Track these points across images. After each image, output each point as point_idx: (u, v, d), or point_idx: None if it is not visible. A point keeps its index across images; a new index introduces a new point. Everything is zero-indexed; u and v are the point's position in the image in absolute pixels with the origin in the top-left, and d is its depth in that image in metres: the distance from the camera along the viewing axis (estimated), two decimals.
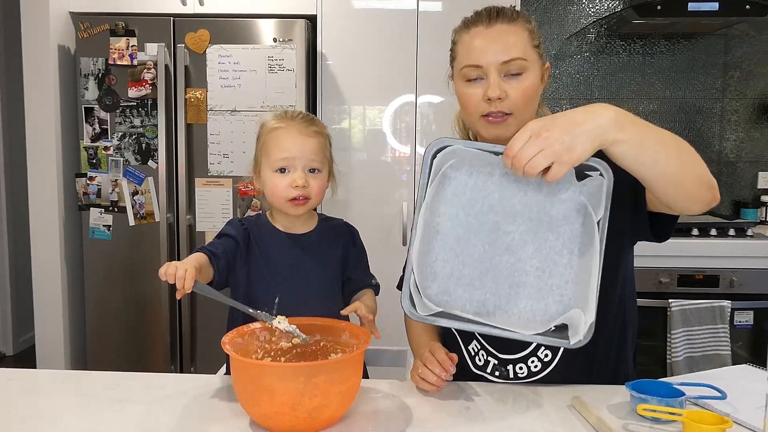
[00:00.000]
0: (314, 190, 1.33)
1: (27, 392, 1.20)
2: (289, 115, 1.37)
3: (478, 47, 1.17)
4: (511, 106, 1.16)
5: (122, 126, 2.79)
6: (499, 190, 1.06)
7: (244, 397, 1.03)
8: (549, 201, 1.05)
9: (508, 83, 1.16)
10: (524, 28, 1.18)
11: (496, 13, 1.19)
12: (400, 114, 2.82)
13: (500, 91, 1.15)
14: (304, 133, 1.33)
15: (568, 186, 1.05)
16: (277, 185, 1.32)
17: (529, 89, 1.17)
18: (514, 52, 1.15)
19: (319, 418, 1.00)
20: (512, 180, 1.06)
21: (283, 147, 1.32)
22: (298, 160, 1.32)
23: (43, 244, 2.86)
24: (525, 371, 1.24)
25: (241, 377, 1.02)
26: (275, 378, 0.98)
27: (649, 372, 2.61)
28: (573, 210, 1.05)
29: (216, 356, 1.56)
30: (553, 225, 1.05)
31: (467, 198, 1.07)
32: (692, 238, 2.67)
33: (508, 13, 1.20)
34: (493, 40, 1.17)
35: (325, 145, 1.37)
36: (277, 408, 0.98)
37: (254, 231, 1.37)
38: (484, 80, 1.17)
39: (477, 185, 1.07)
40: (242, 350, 1.12)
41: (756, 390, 1.14)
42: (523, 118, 1.16)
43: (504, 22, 1.18)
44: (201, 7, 2.81)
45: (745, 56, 3.17)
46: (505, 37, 1.17)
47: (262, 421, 1.02)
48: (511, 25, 1.18)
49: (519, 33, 1.17)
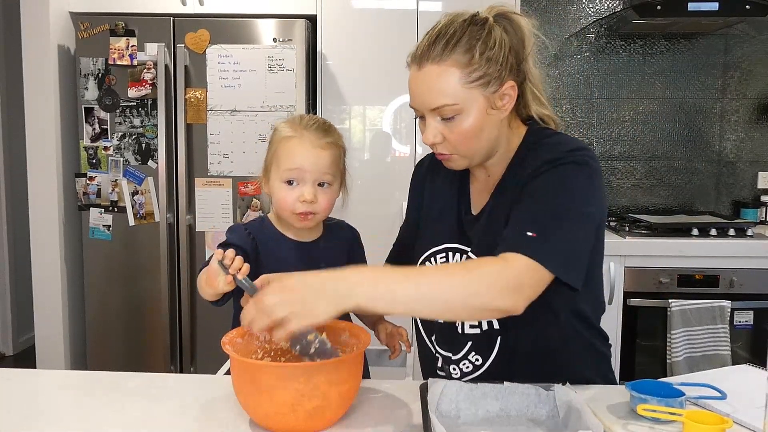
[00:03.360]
0: (322, 205, 1.29)
1: (27, 392, 1.20)
2: (304, 123, 1.31)
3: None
4: (450, 148, 1.17)
5: (122, 126, 2.79)
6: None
7: (244, 397, 1.03)
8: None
9: (445, 126, 1.14)
10: (456, 64, 1.10)
11: (427, 50, 1.13)
12: (400, 114, 2.82)
13: (432, 137, 1.15)
14: (317, 145, 1.28)
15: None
16: (285, 198, 1.28)
17: (466, 131, 1.13)
18: (441, 99, 1.12)
19: (318, 419, 1.00)
20: None
21: (293, 159, 1.27)
22: (309, 173, 1.27)
23: (43, 244, 2.86)
24: (458, 373, 1.25)
25: (240, 377, 1.01)
26: (275, 378, 0.97)
27: (649, 372, 2.61)
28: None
29: (216, 356, 1.56)
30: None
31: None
32: (692, 238, 2.67)
33: (437, 49, 1.11)
34: (422, 83, 1.13)
35: (339, 157, 1.32)
36: (277, 408, 0.98)
37: (260, 239, 1.32)
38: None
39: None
40: (242, 350, 1.12)
41: (756, 390, 1.14)
42: (469, 154, 1.17)
43: (434, 63, 1.11)
44: (201, 7, 2.81)
45: (745, 56, 3.17)
46: (432, 82, 1.12)
47: (263, 421, 1.01)
48: (440, 65, 1.11)
49: (447, 74, 1.11)
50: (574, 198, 1.11)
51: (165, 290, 2.78)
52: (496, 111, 1.14)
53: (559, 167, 1.11)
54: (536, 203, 1.10)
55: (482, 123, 1.14)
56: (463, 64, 1.10)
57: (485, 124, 1.14)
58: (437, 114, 1.13)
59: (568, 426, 1.02)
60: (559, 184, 1.11)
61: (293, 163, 1.27)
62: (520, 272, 1.03)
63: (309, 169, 1.27)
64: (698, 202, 3.25)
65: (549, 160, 1.12)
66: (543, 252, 1.04)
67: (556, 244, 1.06)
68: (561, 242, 1.07)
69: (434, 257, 1.28)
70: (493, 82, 1.12)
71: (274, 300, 0.94)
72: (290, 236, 1.35)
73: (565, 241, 1.08)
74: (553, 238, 1.06)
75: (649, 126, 3.21)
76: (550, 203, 1.09)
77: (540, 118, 1.24)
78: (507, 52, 1.13)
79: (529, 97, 1.22)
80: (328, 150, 1.29)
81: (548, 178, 1.11)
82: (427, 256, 1.29)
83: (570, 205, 1.10)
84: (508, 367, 1.20)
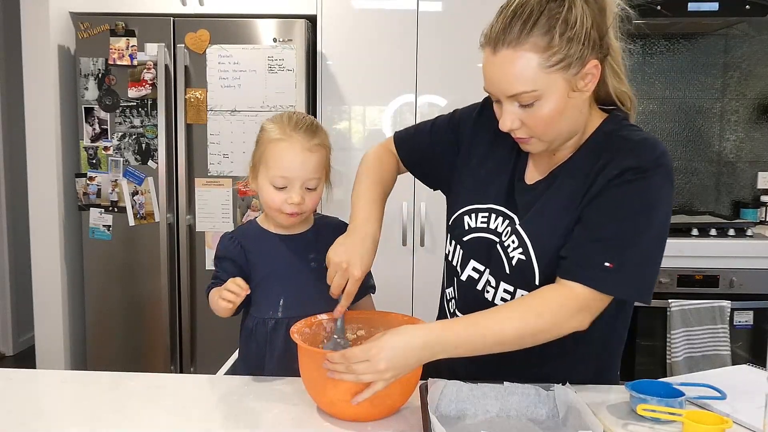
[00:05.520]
0: (309, 206, 1.32)
1: (27, 392, 1.20)
2: (292, 124, 1.31)
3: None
4: (529, 132, 1.10)
5: (122, 126, 2.79)
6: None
7: (311, 384, 1.09)
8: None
9: (524, 112, 1.08)
10: (534, 48, 1.02)
11: (502, 34, 1.04)
12: (400, 114, 2.82)
13: (510, 123, 1.09)
14: (306, 148, 1.29)
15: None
16: (273, 199, 1.31)
17: (546, 116, 1.07)
18: (518, 86, 1.04)
19: (380, 407, 1.05)
20: None
21: (282, 164, 1.29)
22: (297, 179, 1.29)
23: (43, 244, 2.86)
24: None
25: (308, 366, 1.07)
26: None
27: (649, 372, 2.61)
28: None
29: (216, 356, 1.56)
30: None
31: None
32: (692, 238, 2.67)
33: (514, 32, 1.03)
34: (498, 69, 1.06)
35: (326, 157, 1.34)
36: (341, 396, 1.02)
37: (246, 242, 1.36)
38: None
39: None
40: (310, 340, 1.17)
41: (756, 390, 1.14)
42: (549, 138, 1.11)
43: (510, 47, 1.03)
44: (201, 7, 2.81)
45: (745, 56, 3.17)
46: (508, 68, 1.04)
47: (328, 408, 1.07)
48: (516, 50, 1.03)
49: (525, 59, 1.03)
50: (658, 213, 1.07)
51: (165, 290, 2.78)
52: (578, 93, 1.07)
53: (648, 178, 1.06)
54: (618, 220, 1.06)
55: (563, 107, 1.07)
56: (542, 48, 1.02)
57: (566, 108, 1.07)
58: (515, 100, 1.07)
59: (568, 426, 1.02)
60: (644, 199, 1.06)
61: (282, 169, 1.29)
62: (589, 300, 1.06)
63: (297, 175, 1.29)
64: (698, 202, 3.25)
65: (635, 168, 1.06)
66: (619, 284, 1.06)
67: (632, 272, 1.06)
68: (638, 268, 1.07)
69: (475, 214, 1.23)
70: (575, 63, 1.04)
71: (387, 366, 1.00)
72: (276, 231, 1.38)
73: (643, 266, 1.07)
74: (631, 266, 1.05)
75: (649, 126, 3.21)
76: (632, 221, 1.06)
77: (616, 96, 1.18)
78: (589, 28, 1.04)
79: (608, 73, 1.14)
80: (316, 153, 1.31)
81: (633, 190, 1.06)
82: (467, 211, 1.24)
83: (653, 222, 1.07)
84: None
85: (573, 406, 1.03)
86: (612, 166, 1.08)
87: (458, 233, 1.25)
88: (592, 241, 1.07)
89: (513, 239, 1.15)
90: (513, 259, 1.14)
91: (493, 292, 1.18)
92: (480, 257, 1.21)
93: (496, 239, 1.18)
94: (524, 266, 1.13)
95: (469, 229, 1.23)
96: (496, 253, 1.17)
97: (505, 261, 1.16)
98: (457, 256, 1.25)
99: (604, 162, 1.10)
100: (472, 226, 1.22)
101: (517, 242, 1.14)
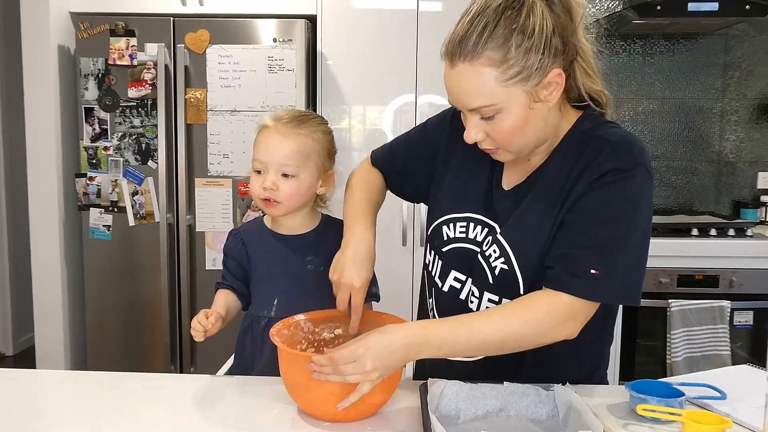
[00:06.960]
0: (284, 193, 1.30)
1: (27, 392, 1.20)
2: (281, 114, 1.34)
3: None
4: (494, 144, 1.09)
5: (122, 126, 2.79)
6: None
7: (291, 386, 1.09)
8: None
9: (487, 124, 1.06)
10: (490, 62, 1.00)
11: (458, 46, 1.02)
12: (400, 114, 2.82)
13: (474, 135, 1.08)
14: (283, 134, 1.30)
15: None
16: (252, 184, 1.33)
17: (509, 129, 1.05)
18: (477, 100, 1.03)
19: (362, 407, 1.05)
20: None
21: (259, 149, 1.33)
22: (271, 164, 1.30)
23: (43, 244, 2.86)
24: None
25: (288, 368, 1.08)
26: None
27: (649, 372, 2.61)
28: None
29: (216, 356, 1.56)
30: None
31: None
32: (692, 238, 2.67)
33: (469, 45, 1.01)
34: (456, 83, 1.04)
35: (310, 148, 1.32)
36: (321, 396, 1.03)
37: (248, 240, 1.38)
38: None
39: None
40: (288, 341, 1.17)
41: (756, 390, 1.14)
42: (515, 149, 1.09)
43: (466, 61, 1.01)
44: (201, 7, 2.81)
45: (745, 56, 3.17)
46: (465, 83, 1.03)
47: (309, 408, 1.08)
48: (473, 64, 1.01)
49: (481, 73, 1.01)
50: (640, 214, 1.06)
51: (165, 290, 2.78)
52: (541, 103, 1.04)
53: (628, 179, 1.05)
54: (602, 225, 1.05)
55: (525, 119, 1.04)
56: (498, 61, 1.00)
57: (529, 119, 1.05)
58: (476, 113, 1.05)
59: (568, 426, 1.02)
60: (626, 200, 1.05)
61: (258, 152, 1.33)
62: (577, 309, 1.05)
63: (269, 160, 1.30)
64: (698, 202, 3.25)
65: (614, 170, 1.05)
66: (607, 291, 1.05)
67: (620, 277, 1.05)
68: (625, 272, 1.05)
69: (453, 223, 1.21)
70: (534, 75, 1.01)
71: (374, 366, 0.99)
72: (277, 230, 1.38)
73: (629, 269, 1.06)
74: (618, 271, 1.04)
75: (649, 126, 3.21)
76: (616, 225, 1.05)
77: (590, 96, 1.15)
78: (550, 36, 1.01)
79: (578, 74, 1.11)
80: (293, 140, 1.30)
81: (614, 193, 1.05)
82: (445, 221, 1.22)
83: (636, 224, 1.06)
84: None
85: (573, 406, 1.03)
86: (592, 169, 1.07)
87: (437, 244, 1.23)
88: (577, 248, 1.05)
89: (494, 248, 1.13)
90: (496, 269, 1.13)
91: (477, 303, 1.17)
92: (461, 268, 1.20)
93: (477, 249, 1.17)
94: (507, 275, 1.12)
95: (448, 240, 1.21)
96: (478, 264, 1.16)
97: (487, 271, 1.14)
98: (437, 266, 1.24)
99: (583, 165, 1.08)
100: (451, 236, 1.21)
101: (499, 252, 1.13)
